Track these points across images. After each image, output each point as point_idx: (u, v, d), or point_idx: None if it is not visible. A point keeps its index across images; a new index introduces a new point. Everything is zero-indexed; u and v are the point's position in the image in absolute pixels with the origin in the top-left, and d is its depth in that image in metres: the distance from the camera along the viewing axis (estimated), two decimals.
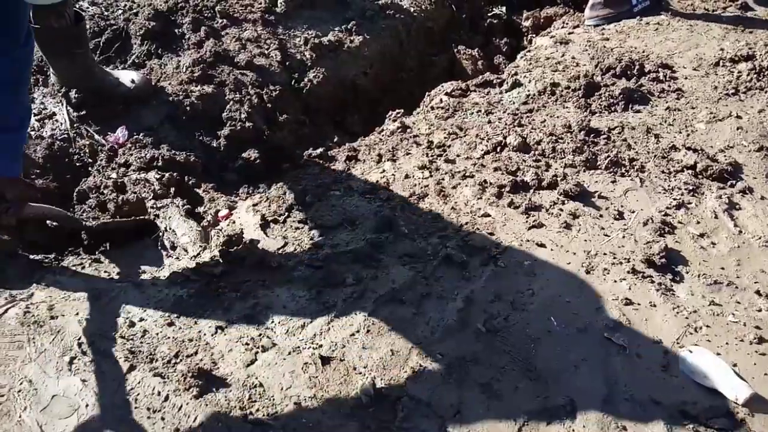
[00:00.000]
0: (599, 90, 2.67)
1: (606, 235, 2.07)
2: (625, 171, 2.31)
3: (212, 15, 3.10)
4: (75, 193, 2.43)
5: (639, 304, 1.87)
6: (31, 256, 2.12)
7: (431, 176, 2.31)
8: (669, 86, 2.74)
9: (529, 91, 2.72)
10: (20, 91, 1.81)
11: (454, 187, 2.25)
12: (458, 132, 2.53)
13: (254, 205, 2.28)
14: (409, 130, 2.59)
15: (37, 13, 2.41)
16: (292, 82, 2.98)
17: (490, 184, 2.23)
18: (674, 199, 2.20)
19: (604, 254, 2.01)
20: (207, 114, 2.70)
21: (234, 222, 2.23)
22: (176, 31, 3.00)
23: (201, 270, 2.00)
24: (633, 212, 2.15)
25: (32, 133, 2.60)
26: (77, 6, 3.16)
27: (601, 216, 2.14)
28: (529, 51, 3.12)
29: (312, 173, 2.43)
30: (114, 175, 2.44)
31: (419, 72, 3.42)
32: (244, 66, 2.89)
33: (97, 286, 1.97)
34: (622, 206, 2.18)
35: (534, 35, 3.53)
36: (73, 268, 2.08)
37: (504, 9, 3.65)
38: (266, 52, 3.01)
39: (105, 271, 2.07)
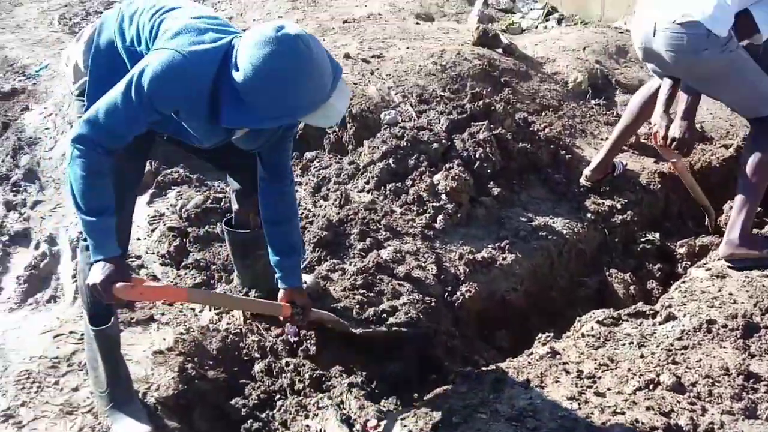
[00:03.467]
0: (759, 331, 2.60)
1: None
2: None
3: (377, 228, 3.40)
4: (242, 386, 2.64)
5: None
6: None
7: (580, 408, 2.30)
8: None
9: (683, 326, 2.69)
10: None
11: (603, 423, 2.22)
12: (609, 363, 2.53)
13: (402, 419, 2.35)
14: (558, 356, 2.62)
15: (240, 209, 2.82)
16: (445, 295, 3.14)
17: (642, 423, 2.18)
18: None
19: None
20: (365, 319, 2.90)
21: None
22: (345, 241, 3.31)
23: None
24: None
25: (210, 325, 2.90)
26: None
27: None
28: (683, 282, 3.12)
29: (459, 391, 2.49)
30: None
31: (569, 292, 3.49)
32: (402, 277, 3.10)
33: None
34: None
35: (689, 263, 3.54)
36: None
37: (657, 235, 3.71)
38: (423, 264, 3.22)
39: None
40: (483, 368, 2.67)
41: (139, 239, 3.51)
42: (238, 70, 1.99)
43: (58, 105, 4.60)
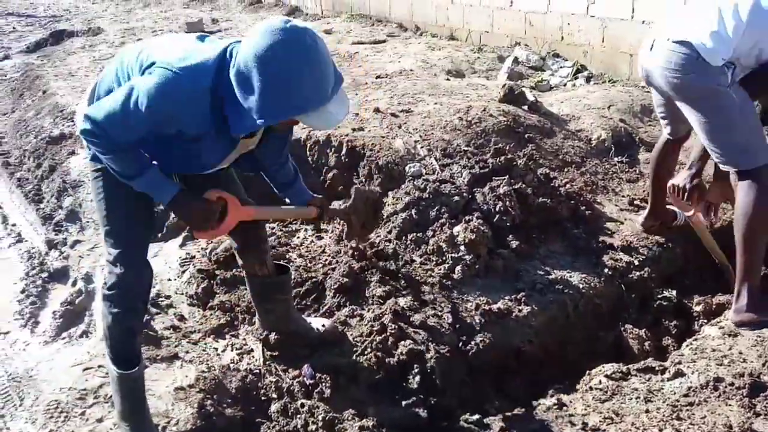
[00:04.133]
0: (765, 391, 2.62)
1: None
2: None
3: (396, 276, 3.51)
4: (258, 426, 2.75)
5: None
6: None
7: None
8: None
9: (691, 382, 2.73)
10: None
11: None
12: (614, 417, 2.57)
13: None
14: (565, 408, 2.68)
15: (244, 264, 2.95)
16: (460, 344, 3.22)
17: None
18: None
19: None
20: (380, 366, 2.99)
21: None
22: (364, 288, 3.43)
23: None
24: None
25: (231, 365, 3.02)
26: (287, 259, 3.73)
27: None
28: (695, 339, 3.15)
29: None
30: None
31: (584, 345, 3.53)
32: (418, 325, 3.19)
33: None
34: None
35: (705, 320, 3.55)
36: None
37: (674, 292, 3.73)
38: (439, 313, 3.31)
39: None
40: (491, 417, 2.73)
41: (170, 280, 3.69)
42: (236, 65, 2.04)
43: None
